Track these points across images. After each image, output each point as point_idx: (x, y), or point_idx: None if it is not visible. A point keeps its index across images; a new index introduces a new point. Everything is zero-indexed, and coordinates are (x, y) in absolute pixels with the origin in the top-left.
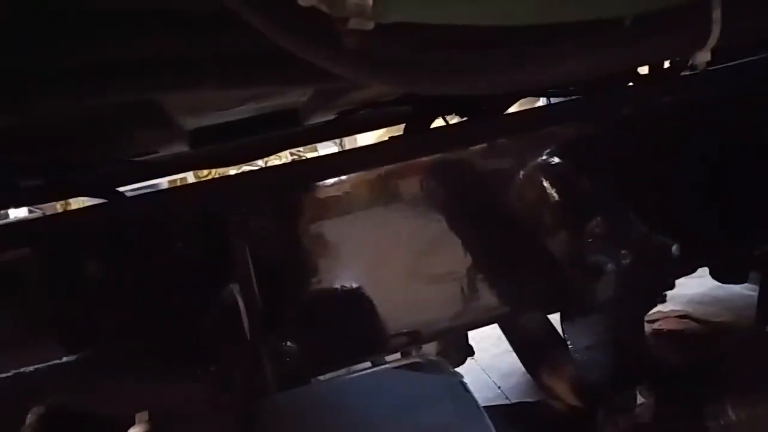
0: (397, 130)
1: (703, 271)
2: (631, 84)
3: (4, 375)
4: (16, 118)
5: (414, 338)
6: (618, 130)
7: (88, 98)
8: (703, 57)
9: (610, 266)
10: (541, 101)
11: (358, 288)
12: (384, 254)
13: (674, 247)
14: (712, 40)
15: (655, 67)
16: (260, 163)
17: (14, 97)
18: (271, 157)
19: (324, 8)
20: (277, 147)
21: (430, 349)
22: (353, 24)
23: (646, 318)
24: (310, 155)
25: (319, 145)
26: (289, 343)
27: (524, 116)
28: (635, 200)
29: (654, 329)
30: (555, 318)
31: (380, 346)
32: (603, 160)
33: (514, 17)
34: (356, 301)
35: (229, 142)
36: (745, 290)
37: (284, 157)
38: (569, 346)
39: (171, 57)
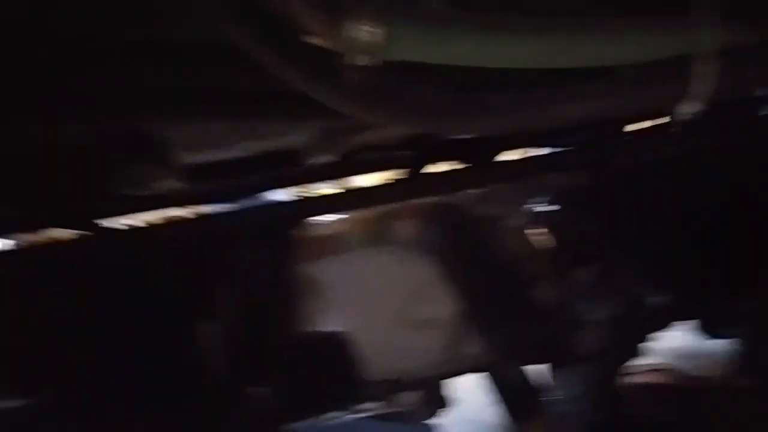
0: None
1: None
2: (630, 134)
3: None
4: (13, 145)
5: (395, 387)
6: (610, 180)
7: (85, 125)
8: (688, 108)
9: (596, 317)
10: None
11: (338, 333)
12: (367, 298)
13: (660, 299)
14: (699, 92)
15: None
16: None
17: (14, 124)
18: None
19: (330, 45)
20: (273, 186)
21: (409, 398)
22: (360, 61)
23: (630, 370)
24: None
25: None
26: (262, 388)
27: (520, 163)
28: (624, 251)
29: (637, 382)
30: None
31: (358, 394)
32: (593, 210)
33: (517, 61)
34: (335, 346)
35: (224, 180)
36: (729, 343)
37: None
38: (552, 398)
39: (174, 87)
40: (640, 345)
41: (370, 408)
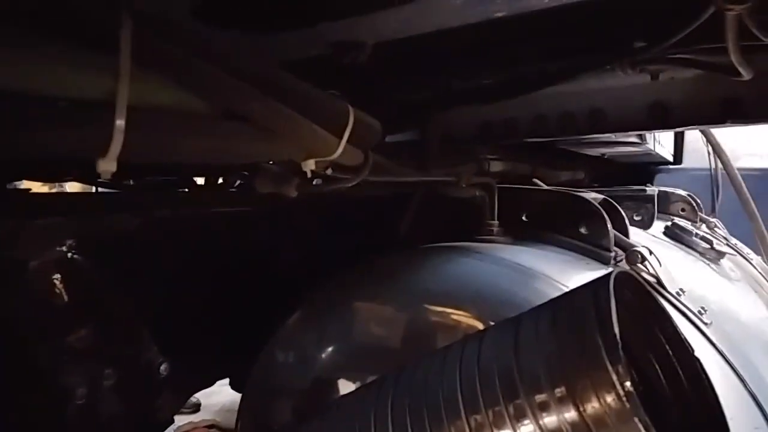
0: None
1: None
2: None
3: None
4: None
5: None
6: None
7: None
8: (107, 166)
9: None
10: None
11: None
12: None
13: (164, 366)
14: (115, 149)
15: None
16: None
17: None
18: None
19: None
20: None
21: None
22: None
23: (177, 429)
24: None
25: None
26: None
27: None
28: (141, 315)
29: None
30: None
31: None
32: (110, 263)
33: None
34: None
35: None
36: None
37: None
38: None
39: None
40: (159, 408)
41: None
